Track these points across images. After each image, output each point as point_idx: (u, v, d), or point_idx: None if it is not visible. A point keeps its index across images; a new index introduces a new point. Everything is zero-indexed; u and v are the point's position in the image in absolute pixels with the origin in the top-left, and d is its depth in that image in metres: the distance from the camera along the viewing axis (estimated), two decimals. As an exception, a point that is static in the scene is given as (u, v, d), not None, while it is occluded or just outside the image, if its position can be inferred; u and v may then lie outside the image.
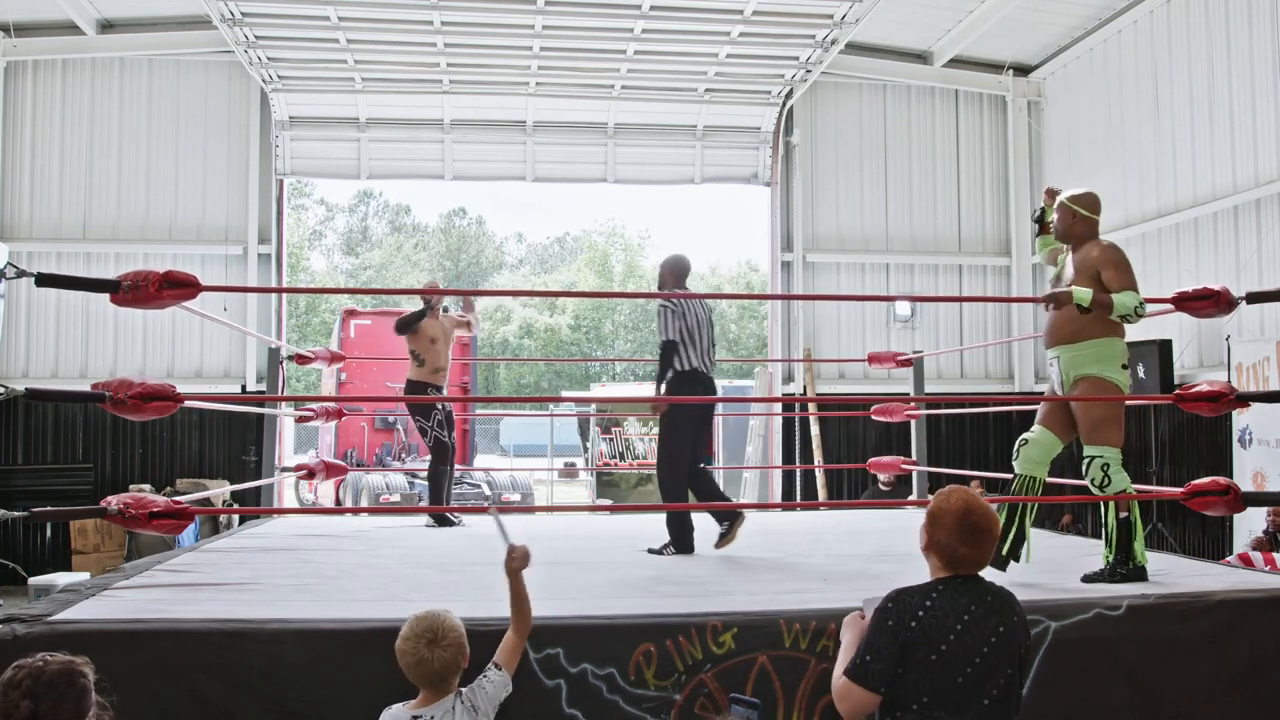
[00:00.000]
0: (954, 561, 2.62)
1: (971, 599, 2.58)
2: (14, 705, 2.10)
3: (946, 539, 2.60)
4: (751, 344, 33.66)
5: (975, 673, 2.51)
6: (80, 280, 4.26)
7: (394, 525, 6.91)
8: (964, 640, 2.52)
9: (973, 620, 2.54)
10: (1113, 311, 4.20)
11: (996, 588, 2.67)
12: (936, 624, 2.52)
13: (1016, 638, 2.61)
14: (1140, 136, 10.41)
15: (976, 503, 2.63)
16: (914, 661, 2.51)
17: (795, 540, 5.86)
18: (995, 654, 2.54)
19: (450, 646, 2.83)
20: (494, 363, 34.91)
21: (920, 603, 2.56)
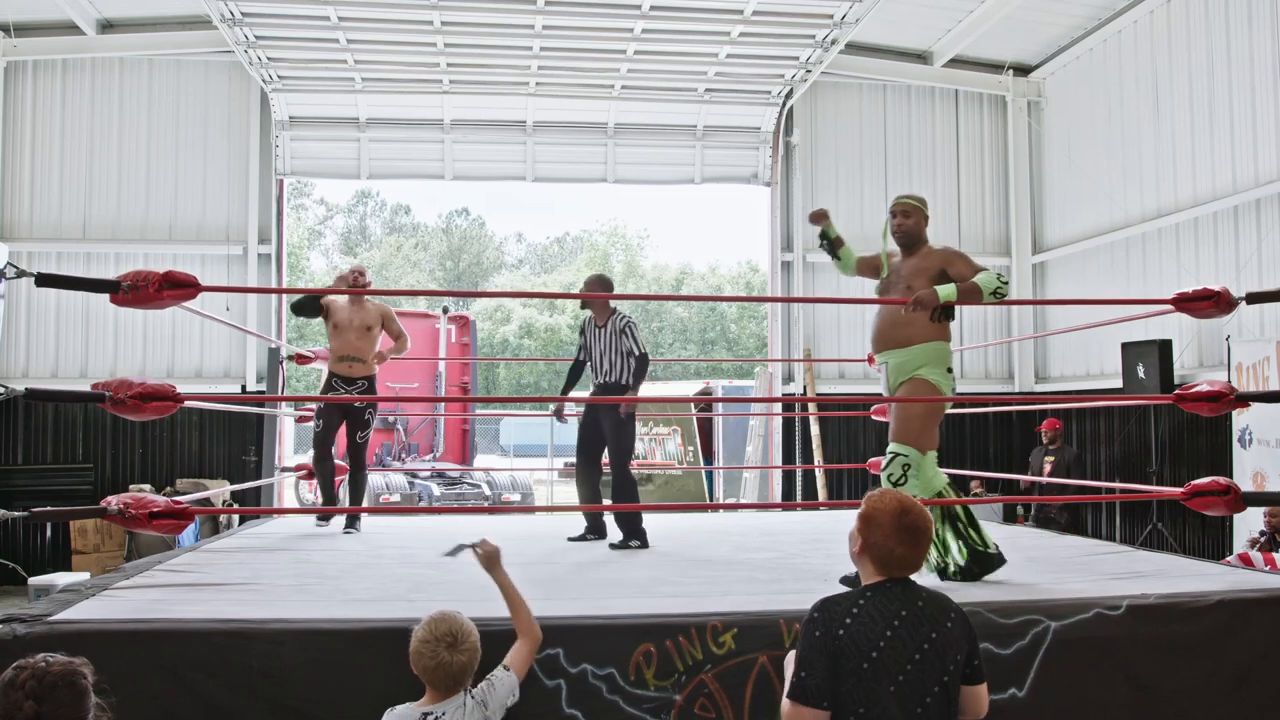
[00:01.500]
0: (889, 563, 2.55)
1: (901, 604, 2.51)
2: (17, 706, 2.10)
3: (883, 539, 2.54)
4: (751, 344, 33.65)
5: (907, 680, 2.45)
6: (80, 280, 4.26)
7: (394, 525, 6.90)
8: (894, 648, 2.45)
9: (903, 626, 2.48)
10: (983, 296, 4.26)
11: (929, 591, 2.60)
12: (864, 631, 2.46)
13: (953, 642, 2.53)
14: (1140, 136, 10.41)
15: (911, 503, 2.60)
16: (846, 672, 2.44)
17: (795, 540, 5.86)
18: (928, 660, 2.48)
19: (468, 650, 2.84)
20: (494, 362, 34.91)
21: (847, 610, 2.50)
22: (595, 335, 6.10)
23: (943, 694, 2.50)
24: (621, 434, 6.00)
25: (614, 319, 6.05)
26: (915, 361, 4.42)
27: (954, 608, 2.60)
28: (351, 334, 6.53)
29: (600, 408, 6.04)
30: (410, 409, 12.63)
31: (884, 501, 2.60)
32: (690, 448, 16.40)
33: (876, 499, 2.62)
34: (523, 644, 3.10)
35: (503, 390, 35.87)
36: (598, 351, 6.07)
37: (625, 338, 5.99)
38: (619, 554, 5.41)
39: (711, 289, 37.57)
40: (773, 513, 9.77)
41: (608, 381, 6.04)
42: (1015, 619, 3.50)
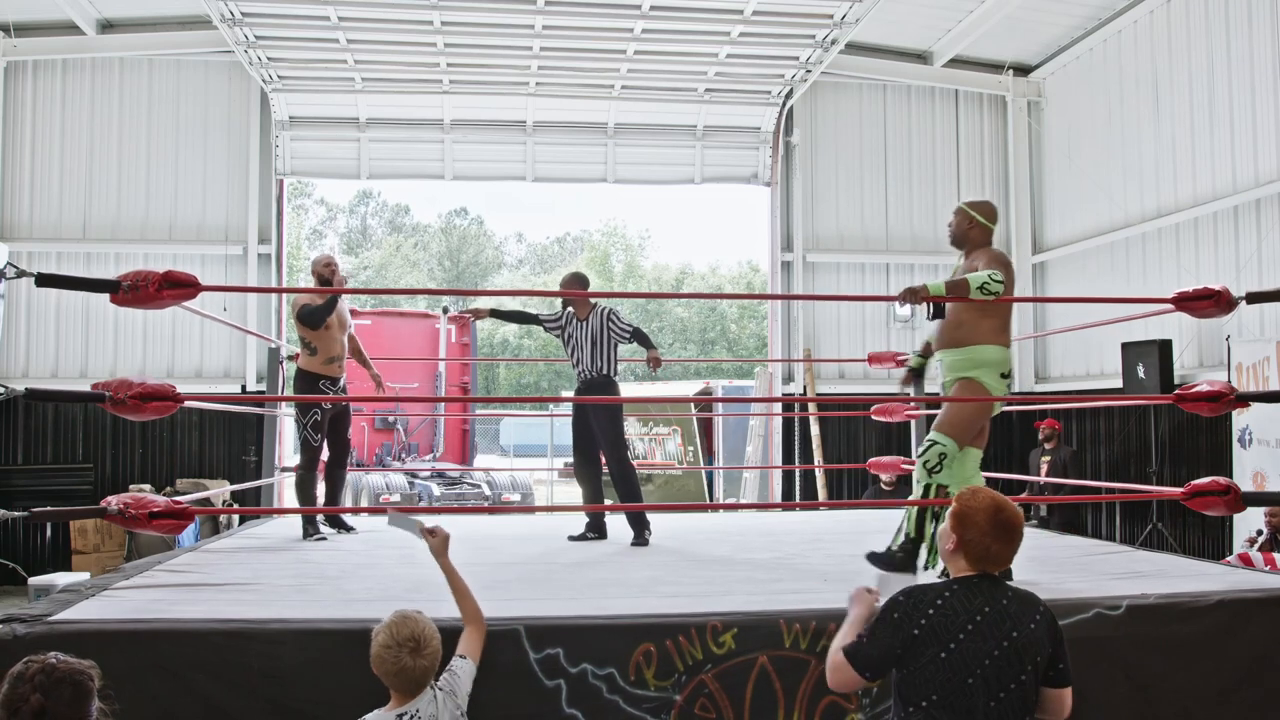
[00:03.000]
0: (983, 559, 2.60)
1: (986, 600, 2.55)
2: (24, 698, 2.12)
3: (979, 537, 2.58)
4: (751, 344, 33.65)
5: (984, 674, 2.49)
6: (80, 280, 4.26)
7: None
8: (973, 641, 2.50)
9: (985, 622, 2.52)
10: (968, 291, 4.32)
11: (1016, 590, 2.64)
12: (946, 622, 2.51)
13: (1035, 642, 2.56)
14: (1140, 136, 10.41)
15: (1004, 500, 2.64)
16: (923, 659, 2.50)
17: (795, 540, 5.86)
18: (1007, 657, 2.51)
19: (431, 654, 2.81)
20: (494, 363, 34.90)
21: (932, 601, 2.55)
22: (578, 327, 6.13)
23: (1019, 691, 2.53)
24: (612, 428, 6.05)
25: (594, 312, 6.12)
26: (968, 363, 4.47)
27: (1041, 608, 2.63)
28: (338, 332, 6.24)
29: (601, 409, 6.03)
30: (410, 409, 12.62)
31: (978, 500, 2.63)
32: (690, 448, 16.40)
33: (969, 497, 2.66)
34: (474, 631, 3.11)
35: (503, 390, 35.87)
36: (580, 345, 6.09)
37: (611, 326, 6.04)
38: (619, 554, 5.41)
39: (712, 289, 37.57)
40: (773, 513, 9.77)
41: (592, 376, 6.06)
42: (1015, 619, 3.49)
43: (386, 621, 2.83)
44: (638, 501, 6.05)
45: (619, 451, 6.09)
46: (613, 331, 6.05)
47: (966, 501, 2.65)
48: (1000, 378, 4.44)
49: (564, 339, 6.21)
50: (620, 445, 6.13)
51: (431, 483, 12.18)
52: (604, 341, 6.05)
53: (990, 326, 4.44)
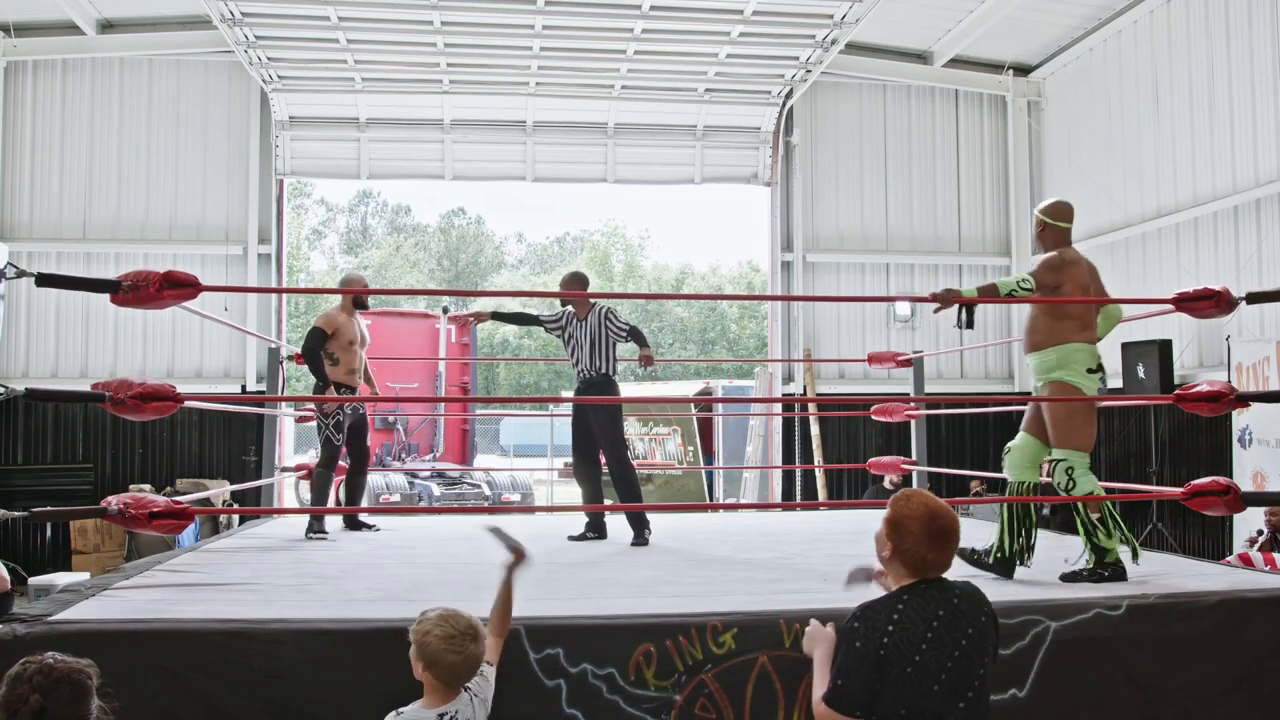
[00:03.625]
0: (922, 568, 2.56)
1: (938, 604, 2.52)
2: (23, 699, 2.12)
3: (914, 545, 2.54)
4: (751, 344, 33.65)
5: (949, 678, 2.48)
6: (80, 280, 4.26)
7: (394, 525, 6.90)
8: (936, 648, 2.48)
9: (942, 626, 2.50)
10: (999, 293, 4.38)
11: (962, 586, 2.61)
12: (907, 637, 2.47)
13: (987, 635, 2.56)
14: (1140, 136, 10.41)
15: (939, 505, 2.59)
16: (890, 678, 2.46)
17: (795, 540, 5.86)
18: (967, 656, 2.50)
19: (484, 640, 2.84)
20: (494, 363, 34.90)
21: (888, 617, 2.51)
22: (578, 327, 6.14)
23: (981, 688, 2.54)
24: (612, 427, 6.08)
25: (593, 311, 6.14)
26: (1049, 364, 4.46)
27: (986, 603, 2.63)
28: (359, 348, 6.67)
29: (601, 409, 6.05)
30: (410, 409, 12.62)
31: (911, 506, 2.59)
32: (690, 448, 16.39)
33: (904, 503, 2.61)
34: (496, 641, 3.12)
35: (503, 390, 35.87)
36: (580, 344, 6.10)
37: (609, 325, 6.06)
38: (619, 554, 5.41)
39: (712, 289, 37.56)
40: (773, 513, 9.77)
41: (591, 376, 6.07)
42: (1015, 619, 3.50)
43: (434, 618, 2.79)
44: (637, 501, 6.07)
45: (619, 451, 6.11)
46: (610, 330, 6.05)
47: (900, 508, 2.60)
48: (1088, 373, 4.41)
49: (564, 339, 6.22)
50: (620, 445, 6.14)
51: (431, 483, 12.18)
52: (602, 341, 6.06)
53: (1067, 326, 4.42)
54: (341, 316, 6.54)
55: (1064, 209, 4.63)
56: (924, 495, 2.62)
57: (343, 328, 6.52)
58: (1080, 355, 4.43)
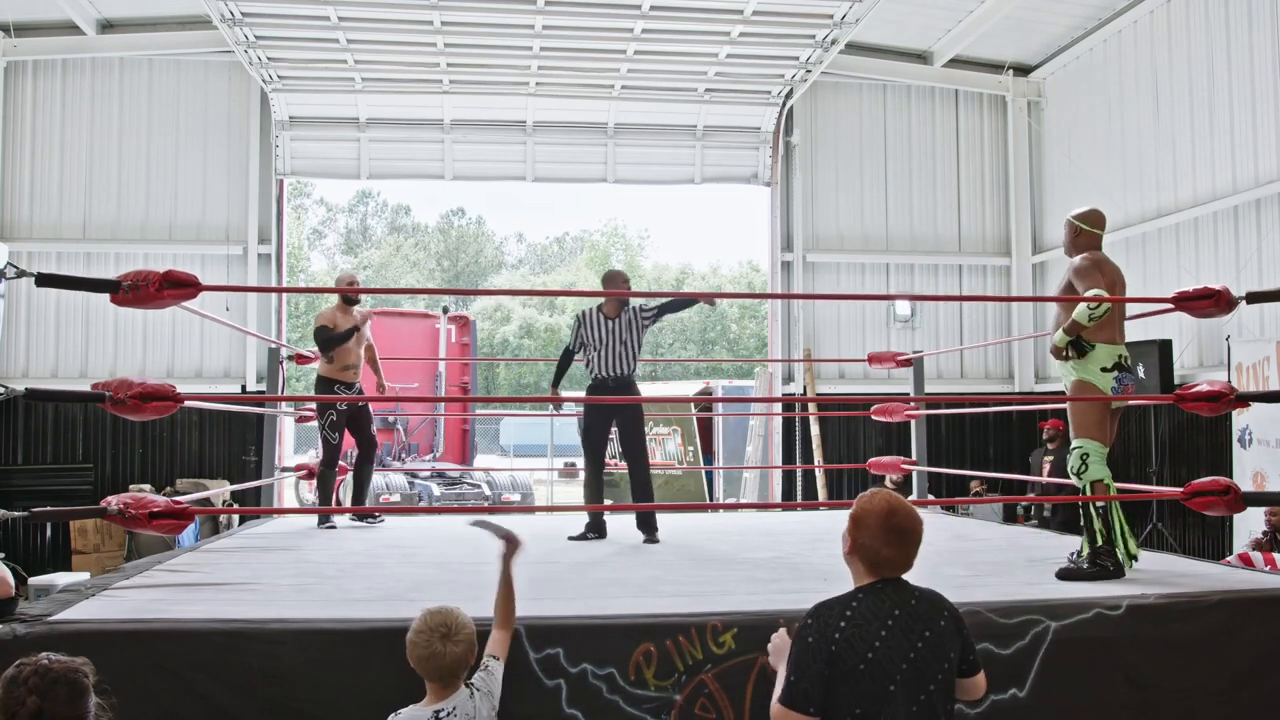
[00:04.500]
0: (877, 564, 2.55)
1: (894, 604, 2.52)
2: (20, 701, 2.11)
3: (870, 541, 2.54)
4: (751, 344, 33.65)
5: (904, 679, 2.46)
6: (80, 280, 4.26)
7: (394, 525, 6.91)
8: (889, 648, 2.46)
9: (897, 626, 2.48)
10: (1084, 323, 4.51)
11: (922, 590, 2.60)
12: (859, 634, 2.46)
13: (946, 641, 2.54)
14: (1140, 136, 10.41)
15: (900, 503, 2.58)
16: (842, 674, 2.45)
17: (795, 540, 5.86)
18: (922, 658, 2.48)
19: (462, 642, 2.83)
20: (494, 363, 34.90)
21: (841, 614, 2.50)
22: (604, 327, 6.03)
23: (939, 691, 2.51)
24: (640, 429, 6.13)
25: (625, 310, 6.08)
26: (1075, 364, 4.62)
27: (948, 606, 2.61)
28: (354, 344, 6.85)
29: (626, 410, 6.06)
30: (410, 409, 12.62)
31: (872, 503, 2.59)
32: (690, 448, 16.39)
33: (866, 500, 2.61)
34: (504, 634, 3.14)
35: (503, 390, 35.87)
36: (604, 344, 6.01)
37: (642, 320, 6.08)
38: (619, 554, 5.41)
39: (712, 289, 37.54)
40: (773, 513, 9.77)
41: (617, 375, 6.01)
42: (1015, 619, 3.50)
43: (419, 615, 2.89)
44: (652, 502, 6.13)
45: (645, 453, 6.09)
46: (643, 322, 6.07)
47: (861, 504, 2.60)
48: (1102, 371, 4.54)
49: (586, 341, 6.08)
50: (645, 447, 6.14)
51: (431, 483, 12.18)
52: (633, 340, 6.02)
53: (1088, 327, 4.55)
54: (338, 315, 6.81)
55: (1098, 216, 4.88)
56: (887, 493, 2.62)
57: (339, 324, 6.80)
58: (1098, 354, 4.55)
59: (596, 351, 6.02)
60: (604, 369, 6.01)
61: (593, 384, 6.13)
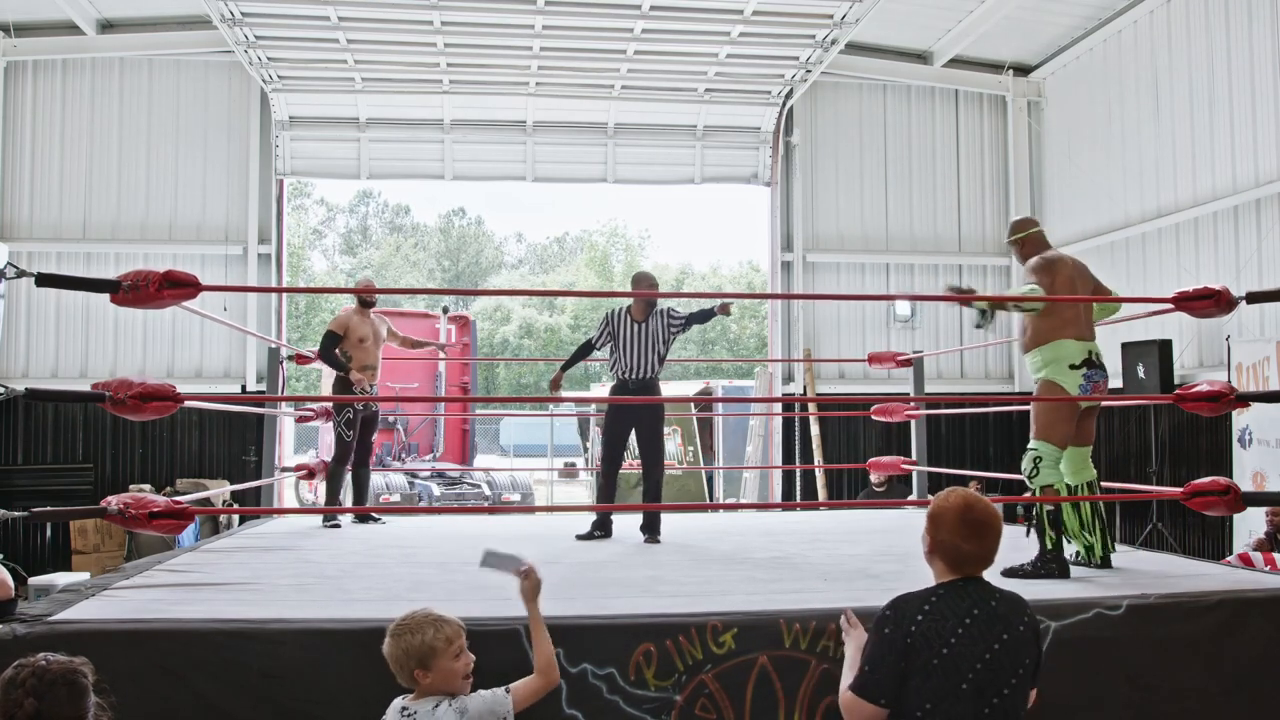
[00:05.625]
0: (959, 561, 2.56)
1: (974, 603, 2.52)
2: (18, 704, 2.11)
3: (949, 537, 2.55)
4: (751, 344, 33.64)
5: (977, 679, 2.45)
6: (80, 280, 4.26)
7: (394, 525, 6.91)
8: (965, 645, 2.46)
9: (974, 624, 2.48)
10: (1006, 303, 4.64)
11: (1004, 592, 2.61)
12: (935, 628, 2.46)
13: (1023, 647, 2.53)
14: (1140, 136, 10.41)
15: (976, 499, 2.60)
16: (916, 667, 2.45)
17: (795, 540, 5.86)
18: (998, 660, 2.48)
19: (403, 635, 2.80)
20: (494, 363, 34.90)
21: (919, 608, 2.51)
22: (631, 330, 6.04)
23: (1011, 695, 2.50)
24: (659, 430, 6.17)
25: (653, 314, 6.09)
26: (1039, 363, 4.65)
27: (1028, 610, 2.61)
28: (373, 346, 6.95)
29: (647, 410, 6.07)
30: (410, 409, 12.63)
31: (948, 500, 2.61)
32: (690, 448, 16.39)
33: (941, 498, 2.63)
34: (536, 680, 2.99)
35: (503, 390, 35.86)
36: (630, 347, 6.03)
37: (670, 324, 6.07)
38: (619, 553, 5.41)
39: (712, 289, 37.54)
40: (773, 513, 9.77)
41: (641, 378, 6.03)
42: (1015, 619, 3.49)
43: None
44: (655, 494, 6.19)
45: (662, 454, 6.18)
46: (671, 329, 6.07)
47: (938, 502, 2.62)
48: (1070, 369, 4.54)
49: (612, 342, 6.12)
50: (663, 450, 6.20)
51: (431, 483, 12.18)
52: (661, 342, 6.05)
53: (1048, 326, 4.60)
54: (353, 317, 6.91)
55: (1025, 221, 4.96)
56: (962, 490, 2.65)
57: (354, 327, 6.88)
58: (1065, 352, 4.56)
59: (621, 353, 6.06)
60: (627, 371, 6.05)
61: (615, 385, 6.18)
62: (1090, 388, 4.54)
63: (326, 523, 6.67)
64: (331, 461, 7.08)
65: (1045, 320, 4.60)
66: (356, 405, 6.82)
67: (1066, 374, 4.54)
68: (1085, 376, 4.54)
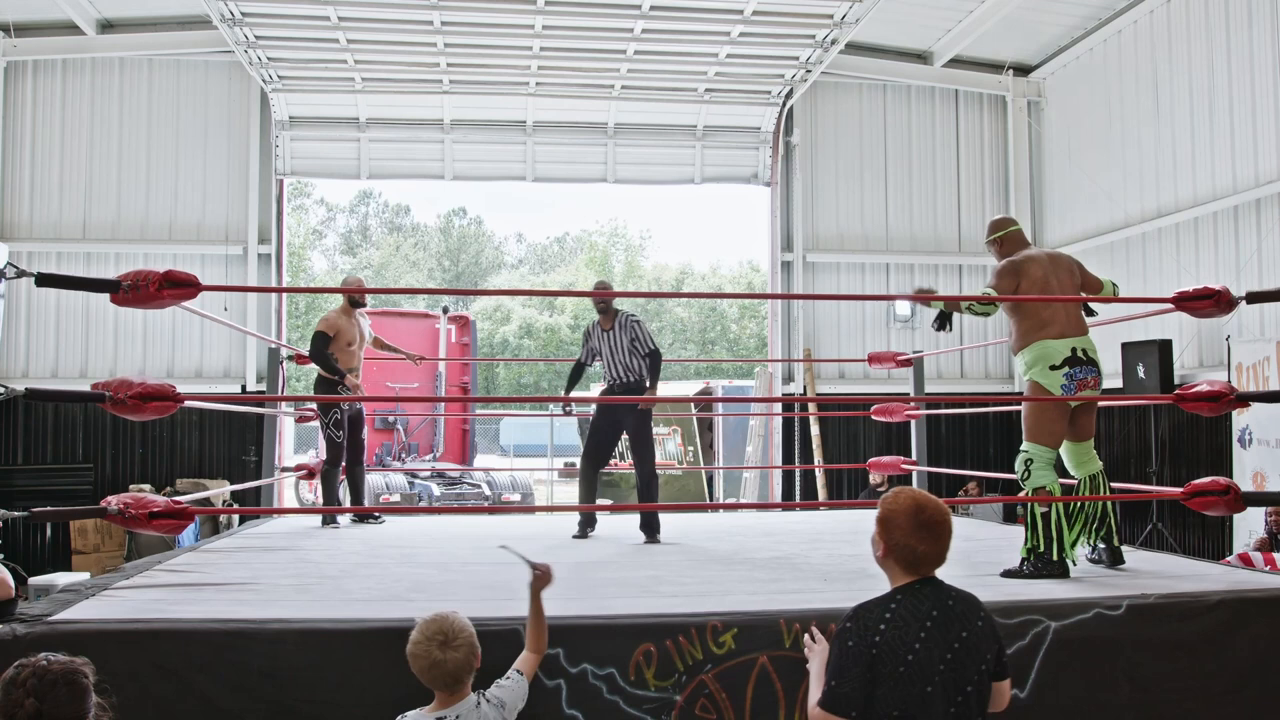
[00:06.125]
0: (914, 562, 2.54)
1: (932, 605, 2.51)
2: (18, 704, 2.11)
3: (903, 539, 2.53)
4: (751, 344, 33.64)
5: (942, 680, 2.45)
6: (80, 280, 4.26)
7: (394, 525, 6.91)
8: (928, 649, 2.45)
9: (935, 626, 2.48)
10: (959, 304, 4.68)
11: (958, 591, 2.59)
12: (899, 636, 2.45)
13: (982, 642, 2.53)
14: (1140, 136, 10.41)
15: (926, 498, 2.57)
16: (883, 677, 2.44)
17: (795, 540, 5.86)
18: (959, 659, 2.48)
19: (462, 647, 2.81)
20: (494, 363, 34.90)
21: (880, 616, 2.49)
22: (603, 339, 6.32)
23: (975, 692, 2.51)
24: (648, 431, 6.34)
25: (618, 319, 6.28)
26: (1024, 366, 4.68)
27: (983, 607, 2.61)
28: (357, 349, 6.95)
29: (622, 409, 6.23)
30: (410, 409, 12.62)
31: (898, 501, 2.58)
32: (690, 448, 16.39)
33: (891, 499, 2.61)
34: (533, 656, 3.13)
35: (502, 390, 35.86)
36: (608, 355, 6.30)
37: (635, 335, 6.25)
38: (619, 554, 5.41)
39: (712, 289, 37.55)
40: (773, 513, 9.77)
41: (625, 381, 6.26)
42: (1015, 619, 3.50)
43: (421, 620, 2.86)
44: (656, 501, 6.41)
45: (651, 454, 6.29)
46: (636, 342, 6.23)
47: (888, 504, 2.59)
48: (1050, 370, 4.54)
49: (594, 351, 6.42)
50: (652, 448, 6.34)
51: (431, 483, 12.18)
52: (627, 352, 6.24)
53: (1027, 327, 4.64)
54: (342, 319, 6.85)
55: (1001, 221, 5.01)
56: (912, 490, 2.62)
57: (342, 330, 6.83)
58: (1045, 352, 4.57)
59: (602, 361, 6.38)
60: (613, 379, 6.35)
61: (605, 388, 6.48)
62: (1074, 386, 4.52)
63: (326, 523, 6.70)
64: (324, 464, 7.10)
65: (1024, 322, 4.63)
66: (342, 406, 6.80)
67: (1047, 375, 4.54)
68: (1068, 375, 4.53)
